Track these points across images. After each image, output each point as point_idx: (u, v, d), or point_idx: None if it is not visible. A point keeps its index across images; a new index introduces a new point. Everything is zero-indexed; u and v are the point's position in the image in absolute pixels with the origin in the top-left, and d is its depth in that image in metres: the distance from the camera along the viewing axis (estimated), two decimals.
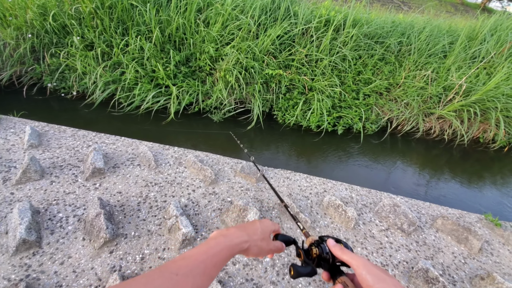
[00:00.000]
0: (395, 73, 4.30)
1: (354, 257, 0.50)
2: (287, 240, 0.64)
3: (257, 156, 3.16)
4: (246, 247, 0.55)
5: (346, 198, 2.19)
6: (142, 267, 1.46)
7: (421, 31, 4.48)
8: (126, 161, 2.19)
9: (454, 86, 4.01)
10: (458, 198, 3.03)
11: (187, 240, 1.57)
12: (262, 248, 0.59)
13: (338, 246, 0.53)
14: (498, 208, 2.99)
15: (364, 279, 0.45)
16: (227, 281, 1.45)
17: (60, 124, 2.67)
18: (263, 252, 0.59)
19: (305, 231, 0.68)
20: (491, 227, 2.14)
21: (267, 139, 3.56)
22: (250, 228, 0.59)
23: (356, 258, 0.49)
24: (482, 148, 4.10)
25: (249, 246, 0.55)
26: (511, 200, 3.16)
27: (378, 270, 0.46)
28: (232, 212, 1.77)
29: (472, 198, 3.09)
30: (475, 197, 3.12)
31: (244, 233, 0.56)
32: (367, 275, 0.45)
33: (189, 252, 0.48)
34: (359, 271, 0.46)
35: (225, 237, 0.53)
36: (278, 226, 0.67)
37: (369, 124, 3.96)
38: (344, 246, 0.54)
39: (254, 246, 0.56)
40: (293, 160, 3.23)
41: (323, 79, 3.91)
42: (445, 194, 3.06)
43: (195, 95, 3.67)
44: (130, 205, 1.80)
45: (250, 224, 0.61)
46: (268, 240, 0.61)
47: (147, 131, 3.22)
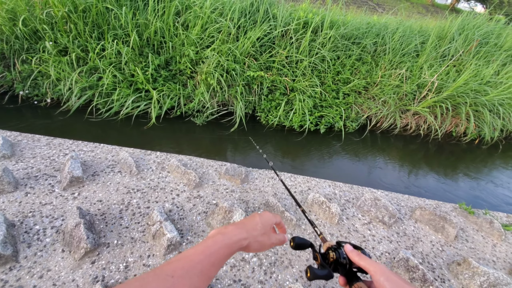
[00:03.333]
0: (372, 73, 4.45)
1: (372, 263, 0.50)
2: (303, 243, 0.62)
3: (241, 158, 3.16)
4: (246, 244, 0.54)
5: (329, 194, 2.25)
6: (126, 275, 1.43)
7: (395, 31, 4.67)
8: (106, 168, 2.13)
9: (427, 83, 4.21)
10: (435, 190, 3.18)
11: (172, 245, 1.55)
12: (264, 243, 0.58)
13: (355, 252, 0.53)
14: (471, 197, 3.16)
15: (382, 286, 0.45)
16: (215, 283, 1.45)
17: (34, 133, 2.56)
18: (265, 246, 0.58)
19: (322, 236, 0.67)
20: (465, 215, 2.26)
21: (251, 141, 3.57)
22: (249, 224, 0.58)
23: (374, 265, 0.49)
24: (455, 141, 4.33)
25: (249, 243, 0.54)
26: (482, 189, 3.35)
27: (396, 278, 0.45)
28: (218, 214, 1.76)
29: (447, 188, 3.25)
30: (450, 187, 3.28)
31: (243, 230, 0.55)
32: (385, 282, 0.44)
33: (185, 253, 0.47)
34: (377, 277, 0.46)
35: (223, 235, 0.52)
36: (279, 218, 0.66)
37: (350, 122, 4.07)
38: (361, 253, 0.55)
39: (254, 242, 0.55)
40: (278, 160, 3.26)
41: (304, 79, 3.99)
42: (422, 186, 3.20)
43: (176, 99, 3.63)
44: (112, 213, 1.76)
45: (249, 220, 0.60)
46: (269, 234, 0.60)
47: (128, 137, 3.15)
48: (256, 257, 1.62)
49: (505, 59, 4.97)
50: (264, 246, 0.58)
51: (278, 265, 1.60)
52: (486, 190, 3.34)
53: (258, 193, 2.13)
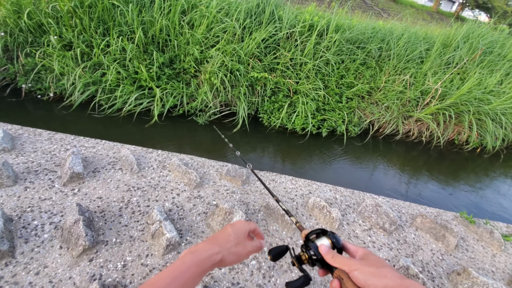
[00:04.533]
0: (376, 77, 4.44)
1: (345, 262, 0.50)
2: (280, 251, 0.62)
3: (235, 159, 3.15)
4: (219, 258, 0.52)
5: (330, 199, 2.23)
6: (124, 274, 1.41)
7: (400, 37, 4.66)
8: (107, 165, 2.12)
9: (431, 90, 4.20)
10: (435, 197, 3.16)
11: (171, 246, 1.54)
12: (239, 254, 0.56)
13: (329, 254, 0.53)
14: (471, 205, 3.15)
15: (357, 279, 0.46)
16: (213, 285, 1.43)
17: (36, 127, 2.55)
18: (241, 257, 0.57)
19: (298, 224, 0.68)
20: (466, 225, 2.25)
21: (252, 142, 3.56)
22: (221, 237, 0.57)
23: (347, 263, 0.49)
24: (457, 149, 4.32)
25: (223, 256, 0.53)
26: (483, 198, 3.34)
27: (368, 267, 0.47)
28: (218, 215, 1.75)
29: (448, 197, 3.23)
30: (450, 196, 3.27)
31: (213, 245, 0.54)
32: (359, 275, 0.46)
33: (154, 278, 0.47)
34: (352, 274, 0.47)
35: (192, 254, 0.51)
36: (254, 225, 0.64)
37: (352, 127, 4.06)
38: (334, 243, 0.55)
39: (229, 255, 0.54)
40: (279, 163, 3.25)
41: (308, 82, 3.98)
42: (423, 194, 3.18)
43: (179, 98, 3.62)
44: (111, 211, 1.74)
45: (220, 233, 0.59)
46: (244, 243, 0.59)
47: (129, 134, 3.14)
48: (255, 260, 1.60)
49: (509, 69, 4.96)
50: (240, 256, 0.57)
51: (277, 269, 1.58)
52: (487, 199, 3.33)
53: (258, 195, 2.11)
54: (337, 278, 0.50)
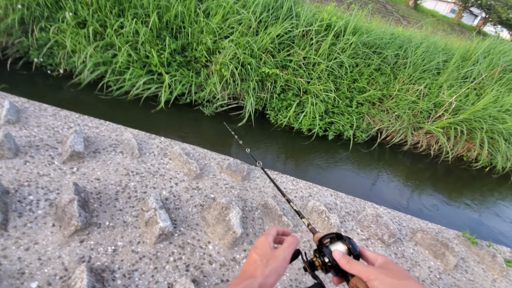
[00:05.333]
0: (389, 85, 4.34)
1: (363, 269, 0.46)
2: (292, 255, 0.57)
3: (245, 155, 3.11)
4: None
5: (330, 204, 2.18)
6: (113, 259, 1.39)
7: (418, 46, 4.53)
8: (108, 147, 2.10)
9: (444, 103, 4.08)
10: (438, 213, 3.09)
11: (164, 235, 1.52)
12: (276, 268, 0.51)
13: (344, 259, 0.49)
14: (475, 225, 3.07)
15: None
16: (202, 280, 1.41)
17: (42, 101, 2.54)
18: (280, 268, 0.51)
19: (311, 227, 0.64)
20: (468, 245, 2.18)
21: (257, 138, 3.52)
22: (249, 268, 0.52)
23: (366, 271, 0.46)
24: (465, 166, 4.21)
25: (260, 285, 0.47)
26: (487, 219, 3.25)
27: (391, 278, 0.43)
28: (214, 209, 1.72)
29: (452, 214, 3.15)
30: (454, 213, 3.19)
31: (245, 280, 0.49)
32: (379, 286, 0.43)
33: None
34: (371, 284, 0.44)
35: None
36: (273, 230, 0.58)
37: (360, 133, 3.98)
38: (350, 249, 0.51)
39: (266, 278, 0.48)
40: (282, 161, 3.21)
41: (319, 83, 3.90)
42: (426, 208, 3.11)
43: (188, 86, 3.58)
44: (108, 194, 1.72)
45: (247, 263, 0.53)
46: (275, 255, 0.52)
47: (134, 118, 3.12)
48: None
49: None
50: (279, 268, 0.51)
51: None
52: (491, 220, 3.24)
53: (258, 192, 2.08)
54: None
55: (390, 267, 0.47)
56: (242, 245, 1.64)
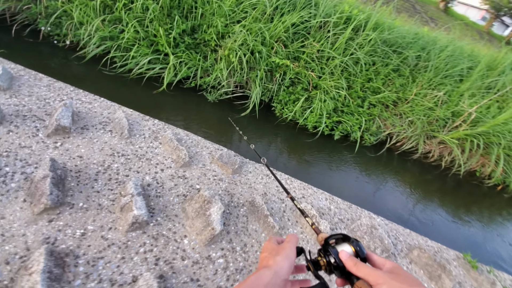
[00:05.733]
0: (406, 88, 4.09)
1: (371, 273, 0.44)
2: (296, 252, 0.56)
3: (243, 147, 2.99)
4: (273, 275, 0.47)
5: (323, 208, 2.05)
6: (79, 243, 1.32)
7: (443, 49, 4.23)
8: (98, 124, 2.02)
9: (463, 113, 3.82)
10: (441, 229, 2.90)
11: (137, 224, 1.43)
12: (287, 257, 0.50)
13: (352, 261, 0.48)
14: (478, 246, 2.87)
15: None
16: (169, 277, 1.32)
17: (43, 71, 2.47)
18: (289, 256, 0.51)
19: (314, 226, 0.64)
20: (467, 268, 2.01)
21: (259, 130, 3.38)
22: (262, 263, 0.52)
23: (374, 274, 0.44)
24: (477, 182, 3.96)
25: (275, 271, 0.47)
26: (492, 241, 3.04)
27: (400, 284, 0.42)
28: (196, 202, 1.62)
29: (455, 231, 2.97)
30: (458, 231, 3.00)
31: (259, 271, 0.48)
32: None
33: None
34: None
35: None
36: (273, 238, 0.58)
37: (368, 135, 3.78)
38: (357, 251, 0.50)
39: (278, 266, 0.48)
40: (280, 158, 3.07)
41: (331, 79, 3.70)
42: (429, 222, 2.93)
43: (194, 70, 3.46)
44: (88, 173, 1.65)
45: (260, 263, 0.53)
46: (282, 248, 0.53)
47: (134, 97, 3.03)
48: (223, 259, 1.47)
49: None
50: (289, 256, 0.51)
51: (245, 274, 1.45)
52: (497, 243, 3.03)
53: (247, 188, 1.96)
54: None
55: (399, 272, 0.45)
56: (220, 243, 1.54)
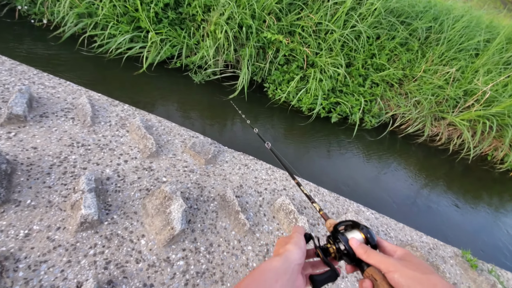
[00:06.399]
0: (414, 64, 3.72)
1: (382, 260, 0.44)
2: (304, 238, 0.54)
3: (225, 132, 2.80)
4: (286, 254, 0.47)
5: (306, 202, 1.87)
6: (22, 246, 1.20)
7: (458, 19, 3.77)
8: (60, 111, 1.85)
9: (477, 91, 3.45)
10: (442, 221, 2.70)
11: (87, 223, 1.29)
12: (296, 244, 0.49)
13: (362, 248, 0.47)
14: (482, 240, 2.66)
15: (397, 283, 0.40)
16: (119, 282, 1.19)
17: (10, 53, 2.30)
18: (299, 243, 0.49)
19: (322, 212, 0.64)
20: (465, 268, 1.83)
21: (248, 113, 3.16)
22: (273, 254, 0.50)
23: (385, 262, 0.43)
24: (487, 167, 3.67)
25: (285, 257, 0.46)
26: (500, 234, 2.82)
27: (412, 271, 0.41)
28: (156, 198, 1.47)
29: (458, 223, 2.75)
30: (461, 222, 2.79)
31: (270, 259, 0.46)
32: (399, 279, 0.40)
33: None
34: (390, 275, 0.42)
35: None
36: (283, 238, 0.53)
37: (369, 117, 3.50)
38: (367, 238, 0.49)
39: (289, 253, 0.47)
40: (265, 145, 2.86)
41: (329, 55, 3.37)
42: (428, 214, 2.73)
43: (178, 48, 3.21)
44: (41, 166, 1.51)
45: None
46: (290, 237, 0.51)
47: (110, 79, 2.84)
48: (184, 261, 1.34)
49: None
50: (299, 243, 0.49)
51: (207, 277, 1.31)
52: (504, 236, 2.80)
53: (221, 180, 1.79)
54: (368, 278, 0.44)
55: (411, 259, 0.44)
56: (182, 243, 1.40)
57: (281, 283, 0.41)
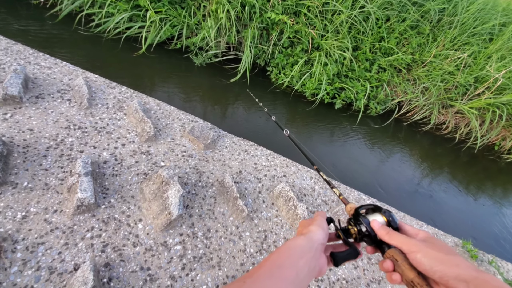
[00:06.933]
0: (424, 48, 3.57)
1: (404, 241, 0.44)
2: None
3: (225, 118, 2.74)
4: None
5: (306, 189, 1.85)
6: (20, 227, 1.20)
7: (473, 1, 3.57)
8: (56, 93, 1.81)
9: (488, 79, 3.32)
10: (444, 211, 2.67)
11: (84, 207, 1.29)
12: (319, 225, 0.51)
13: (384, 230, 0.48)
14: (484, 230, 2.65)
15: (420, 263, 0.41)
16: (116, 265, 1.20)
17: (5, 33, 2.23)
18: (321, 225, 0.51)
19: (342, 197, 0.65)
20: (465, 258, 1.81)
21: (248, 98, 3.09)
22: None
23: (407, 243, 0.44)
24: (494, 157, 3.59)
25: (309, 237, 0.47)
26: (504, 224, 2.79)
27: (435, 251, 0.41)
28: (154, 182, 1.45)
29: (461, 213, 2.73)
30: (464, 212, 2.76)
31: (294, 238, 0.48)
32: (422, 259, 0.41)
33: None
34: (413, 256, 0.42)
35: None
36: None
37: (374, 104, 3.41)
38: (389, 222, 0.49)
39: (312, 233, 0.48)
40: (266, 131, 2.81)
41: (335, 38, 3.24)
42: (431, 204, 2.70)
43: (178, 28, 3.10)
44: (37, 148, 1.49)
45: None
46: (313, 220, 0.53)
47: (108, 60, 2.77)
48: (181, 246, 1.33)
49: None
50: (321, 224, 0.51)
51: (204, 262, 1.31)
52: (507, 228, 2.78)
53: (220, 165, 1.77)
54: (389, 259, 0.45)
55: (434, 241, 0.44)
56: (180, 228, 1.39)
57: (306, 259, 0.43)
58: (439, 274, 0.39)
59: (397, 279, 0.43)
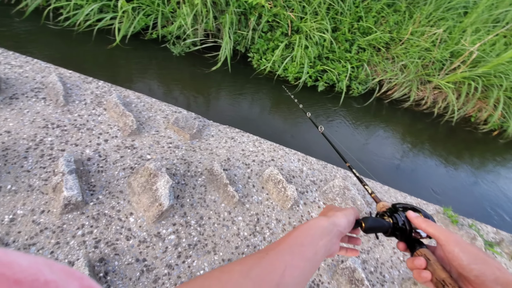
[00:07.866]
0: (401, 26, 3.61)
1: (442, 231, 0.44)
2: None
3: (209, 106, 2.72)
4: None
5: (294, 171, 1.89)
6: (9, 230, 1.18)
7: None
8: (30, 92, 1.74)
9: (464, 52, 3.42)
10: (426, 182, 2.80)
11: (71, 205, 1.27)
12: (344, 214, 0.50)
13: (421, 218, 0.48)
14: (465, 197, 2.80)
15: (457, 257, 0.39)
16: (111, 259, 1.20)
17: None
18: (347, 214, 0.50)
19: (374, 195, 0.65)
20: (447, 223, 1.93)
21: (232, 86, 3.06)
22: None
23: (445, 233, 0.43)
24: (471, 128, 3.76)
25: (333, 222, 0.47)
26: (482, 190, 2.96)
27: (474, 249, 0.40)
28: (141, 175, 1.44)
29: (442, 183, 2.87)
30: (445, 182, 2.90)
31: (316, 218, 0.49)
32: (460, 253, 0.39)
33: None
34: (450, 248, 0.40)
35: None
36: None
37: (356, 84, 3.46)
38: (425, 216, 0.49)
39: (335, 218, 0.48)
40: (251, 117, 2.82)
41: (314, 20, 3.23)
42: (413, 176, 2.82)
43: (153, 17, 2.99)
44: (17, 150, 1.44)
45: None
46: (340, 208, 0.54)
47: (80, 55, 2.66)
48: (175, 235, 1.35)
49: None
50: (347, 213, 0.51)
51: (199, 249, 1.34)
52: (486, 192, 2.95)
53: (207, 154, 1.77)
54: (422, 256, 0.44)
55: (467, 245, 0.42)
56: (172, 218, 1.40)
57: (325, 241, 0.44)
58: (477, 273, 0.37)
59: (427, 276, 0.42)
